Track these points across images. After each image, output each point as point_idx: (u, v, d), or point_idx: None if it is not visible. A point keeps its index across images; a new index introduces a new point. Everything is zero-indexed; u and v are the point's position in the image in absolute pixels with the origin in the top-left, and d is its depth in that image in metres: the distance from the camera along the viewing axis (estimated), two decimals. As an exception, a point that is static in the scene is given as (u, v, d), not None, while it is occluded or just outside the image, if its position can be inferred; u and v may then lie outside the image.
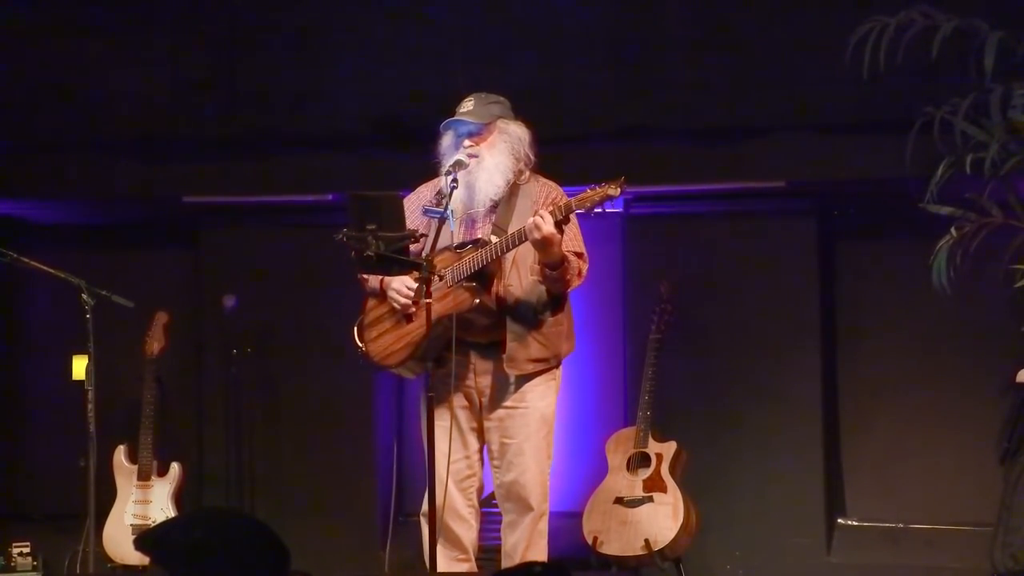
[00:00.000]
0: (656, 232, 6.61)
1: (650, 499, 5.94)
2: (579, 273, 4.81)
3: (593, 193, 4.54)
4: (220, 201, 6.72)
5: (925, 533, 6.37)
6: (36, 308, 7.08)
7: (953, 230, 5.32)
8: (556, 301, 4.88)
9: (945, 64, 5.27)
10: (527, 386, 4.89)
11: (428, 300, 4.54)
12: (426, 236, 4.72)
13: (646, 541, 5.87)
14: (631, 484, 5.99)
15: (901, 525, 6.42)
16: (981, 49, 5.22)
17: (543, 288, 4.83)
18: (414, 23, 6.42)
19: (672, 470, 5.98)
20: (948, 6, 5.33)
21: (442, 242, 4.75)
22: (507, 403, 4.89)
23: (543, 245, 4.61)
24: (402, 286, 4.80)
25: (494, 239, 4.76)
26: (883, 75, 5.25)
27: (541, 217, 4.56)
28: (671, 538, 5.87)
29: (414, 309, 4.79)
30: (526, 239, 4.62)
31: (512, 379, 4.87)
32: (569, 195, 4.80)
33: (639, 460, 6.03)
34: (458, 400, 4.89)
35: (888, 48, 5.22)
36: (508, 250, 4.73)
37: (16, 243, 6.02)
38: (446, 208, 4.70)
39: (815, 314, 6.47)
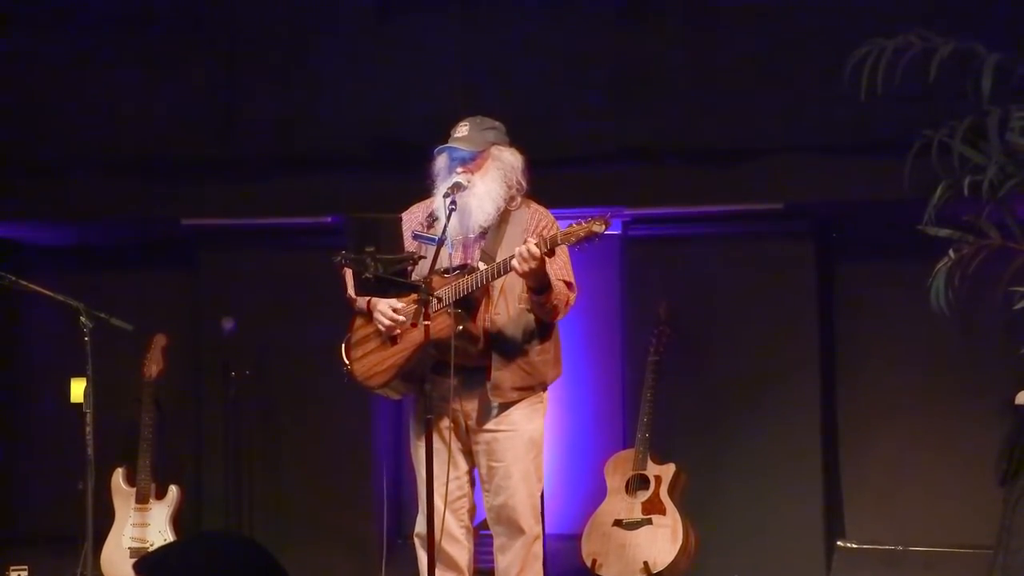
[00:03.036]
0: (654, 254, 6.61)
1: (649, 521, 5.94)
2: (567, 302, 4.79)
3: (579, 228, 4.49)
4: (219, 223, 6.71)
5: (924, 555, 6.35)
6: (34, 331, 7.08)
7: (951, 252, 5.27)
8: (543, 330, 4.85)
9: (943, 87, 5.21)
10: (513, 408, 4.85)
11: (427, 322, 4.50)
12: (424, 259, 4.68)
13: (645, 564, 5.86)
14: (630, 506, 5.98)
15: (900, 547, 6.41)
16: (979, 72, 5.16)
17: (531, 317, 4.80)
18: (413, 44, 6.42)
19: (671, 492, 5.98)
20: (946, 29, 5.29)
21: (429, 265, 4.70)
22: (493, 426, 4.85)
23: (529, 275, 4.59)
24: (387, 308, 4.78)
25: (482, 266, 4.73)
26: (881, 98, 5.20)
27: (527, 248, 4.53)
28: (670, 561, 5.86)
29: (398, 332, 4.77)
30: (512, 269, 4.60)
31: (496, 404, 4.84)
32: (560, 218, 4.79)
33: (638, 482, 6.03)
34: (445, 422, 4.84)
35: (886, 71, 5.17)
36: (495, 278, 4.70)
37: (14, 265, 6.01)
38: (444, 231, 4.67)
39: (814, 335, 6.47)
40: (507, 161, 4.86)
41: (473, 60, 6.34)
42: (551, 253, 4.57)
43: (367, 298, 4.84)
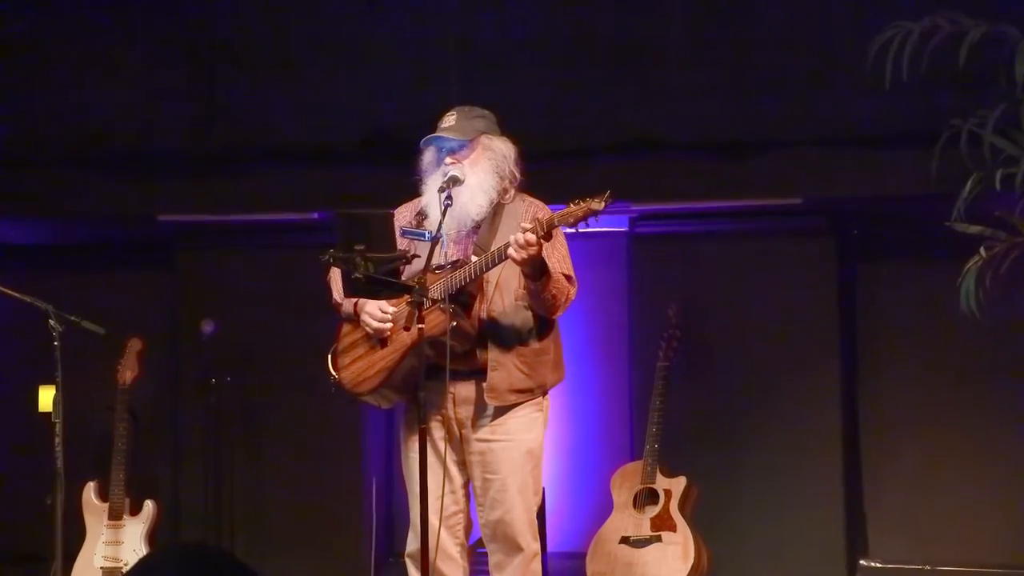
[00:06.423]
0: (663, 252, 6.57)
1: (658, 539, 5.87)
2: (567, 296, 4.70)
3: (576, 208, 4.42)
4: (198, 220, 6.65)
5: (954, 576, 6.26)
6: (0, 334, 6.97)
7: (982, 250, 5.20)
8: (542, 328, 4.73)
9: (973, 73, 5.14)
10: (510, 416, 4.73)
11: (421, 326, 4.37)
12: (418, 257, 4.56)
13: (654, 584, 5.86)
14: (638, 523, 5.90)
15: (928, 567, 6.39)
16: (1012, 57, 5.09)
17: (528, 314, 4.70)
18: (405, 34, 6.40)
19: (682, 507, 5.91)
20: (976, 11, 5.23)
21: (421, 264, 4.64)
22: (488, 435, 4.73)
23: (527, 262, 4.49)
24: (376, 309, 4.69)
25: (474, 259, 4.65)
26: (906, 85, 5.12)
27: (524, 236, 4.44)
28: (681, 581, 5.84)
29: (388, 333, 4.67)
30: (507, 257, 4.51)
31: (492, 409, 4.73)
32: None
33: (646, 497, 5.95)
34: (438, 432, 4.75)
35: (912, 56, 5.09)
36: (488, 268, 4.60)
37: (-21, 265, 5.95)
38: (439, 228, 4.58)
39: (834, 340, 6.41)
40: (499, 151, 4.78)
41: (468, 49, 6.32)
42: (548, 236, 4.50)
43: (354, 301, 4.75)
